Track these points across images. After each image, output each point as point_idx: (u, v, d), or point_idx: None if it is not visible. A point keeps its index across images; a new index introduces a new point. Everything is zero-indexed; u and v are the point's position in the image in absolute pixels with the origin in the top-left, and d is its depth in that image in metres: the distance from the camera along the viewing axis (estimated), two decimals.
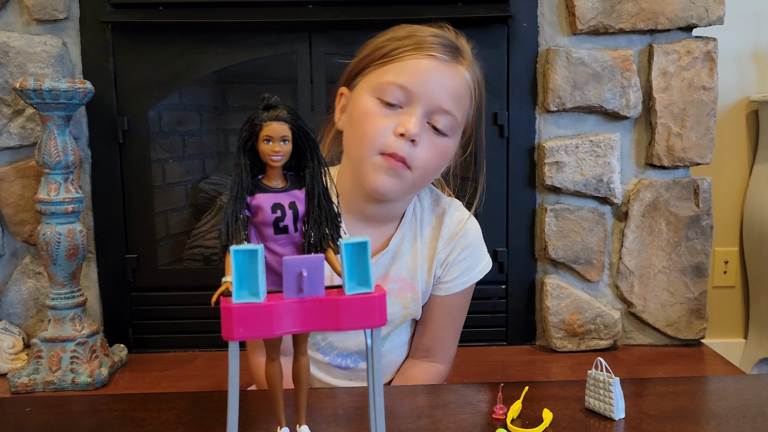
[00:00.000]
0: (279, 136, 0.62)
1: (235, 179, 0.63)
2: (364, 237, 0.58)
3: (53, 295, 1.60)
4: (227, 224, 0.62)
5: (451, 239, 1.03)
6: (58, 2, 1.64)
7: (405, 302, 1.03)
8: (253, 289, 0.56)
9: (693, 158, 1.77)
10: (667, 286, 1.79)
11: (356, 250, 0.58)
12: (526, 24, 1.74)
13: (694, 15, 1.72)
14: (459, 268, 1.03)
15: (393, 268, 1.02)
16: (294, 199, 0.64)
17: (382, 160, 0.92)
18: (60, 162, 1.55)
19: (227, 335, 0.56)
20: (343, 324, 0.57)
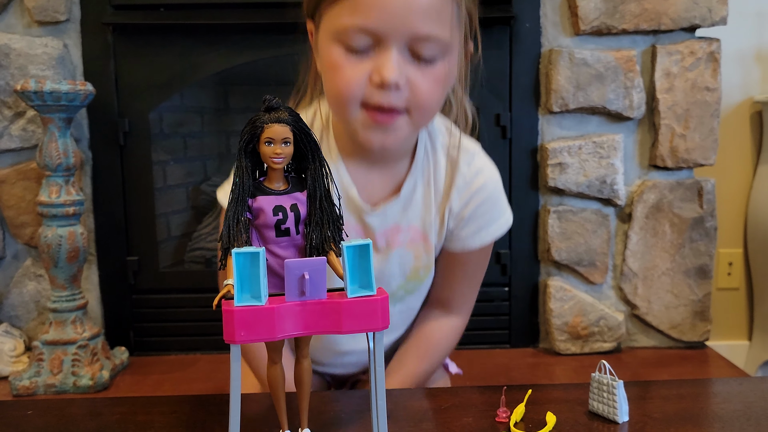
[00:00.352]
0: (280, 138, 0.61)
1: (237, 181, 0.62)
2: (366, 240, 0.58)
3: (54, 297, 1.59)
4: (228, 227, 0.61)
5: (467, 190, 0.92)
6: (59, 4, 1.63)
7: (417, 253, 0.93)
8: (255, 292, 0.56)
9: (697, 159, 1.76)
10: (671, 288, 1.78)
11: (358, 253, 0.57)
12: (529, 24, 1.74)
13: (697, 16, 1.71)
14: (476, 224, 0.93)
15: (404, 217, 0.91)
16: (296, 201, 0.63)
17: (367, 116, 0.81)
18: (61, 164, 1.54)
19: (229, 338, 0.55)
20: (345, 327, 0.57)
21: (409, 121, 0.82)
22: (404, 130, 0.82)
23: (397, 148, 0.87)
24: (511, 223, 0.96)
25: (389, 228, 0.91)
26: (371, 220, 0.90)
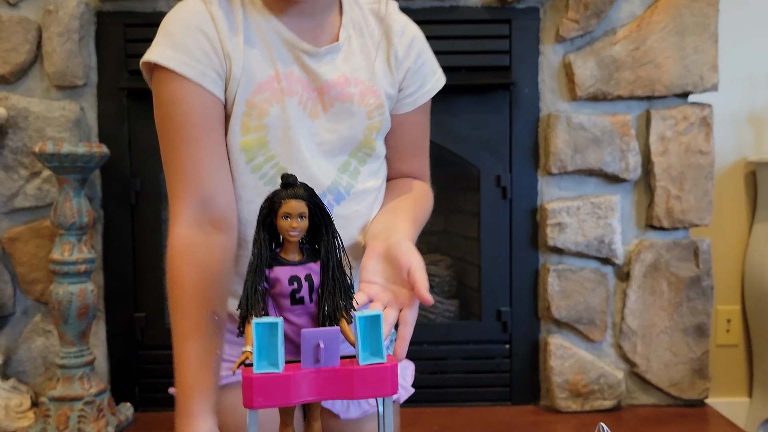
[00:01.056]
0: (296, 213, 0.66)
1: (255, 252, 0.67)
2: (377, 311, 0.61)
3: (63, 353, 1.62)
4: (247, 296, 0.65)
5: (405, 36, 0.94)
6: (77, 69, 1.71)
7: (369, 110, 0.92)
8: (273, 360, 0.59)
9: (692, 220, 1.82)
10: (669, 346, 1.81)
11: (369, 323, 0.61)
12: (528, 90, 1.82)
13: (689, 82, 1.79)
14: (422, 75, 0.96)
15: (348, 68, 0.91)
16: (310, 272, 0.68)
17: None
18: (74, 223, 1.59)
19: (247, 404, 0.59)
20: (357, 393, 0.60)
21: None
22: None
23: None
24: (444, 80, 0.99)
25: (337, 78, 0.90)
26: (318, 68, 0.89)
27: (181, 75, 0.81)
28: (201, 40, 0.83)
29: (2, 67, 1.70)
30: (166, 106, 0.84)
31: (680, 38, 1.78)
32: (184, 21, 0.84)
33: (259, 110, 0.86)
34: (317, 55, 0.88)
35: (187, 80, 0.82)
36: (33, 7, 1.73)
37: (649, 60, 1.78)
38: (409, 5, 1.76)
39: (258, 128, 0.86)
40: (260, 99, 0.85)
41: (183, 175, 0.84)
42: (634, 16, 1.81)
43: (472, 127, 1.82)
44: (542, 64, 1.83)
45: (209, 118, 0.85)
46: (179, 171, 0.84)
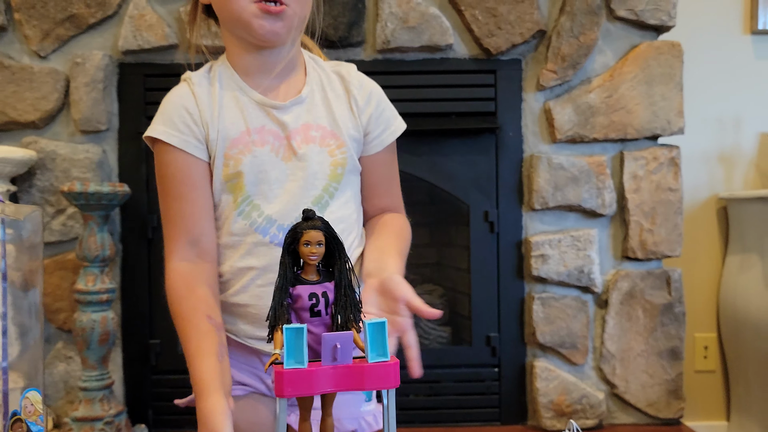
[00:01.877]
0: (315, 241, 0.81)
1: (281, 274, 0.82)
2: (382, 318, 0.76)
3: (85, 377, 1.75)
4: (275, 309, 0.80)
5: (364, 89, 1.11)
6: (101, 116, 1.85)
7: (330, 149, 1.08)
8: (299, 358, 0.74)
9: (664, 251, 1.93)
10: (646, 369, 1.92)
11: (377, 329, 0.75)
12: (512, 133, 1.93)
13: (658, 126, 1.92)
14: (384, 119, 1.12)
15: (311, 117, 1.08)
16: (325, 290, 0.82)
17: (257, 7, 1.00)
18: (98, 256, 1.73)
19: (279, 393, 0.73)
20: (366, 385, 0.74)
21: (292, 12, 1.03)
22: (290, 18, 1.03)
23: (286, 37, 1.05)
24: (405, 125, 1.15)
25: (300, 127, 1.07)
26: (284, 117, 1.07)
27: (169, 144, 1.03)
28: (184, 116, 1.04)
29: (33, 114, 1.84)
30: (161, 169, 1.06)
31: (649, 87, 1.91)
32: (172, 102, 1.07)
33: (234, 160, 1.05)
34: (283, 107, 1.07)
35: (174, 148, 1.03)
36: (62, 59, 1.86)
37: (621, 106, 1.91)
38: (404, 57, 1.91)
39: (235, 175, 1.05)
40: (234, 152, 1.05)
41: (174, 224, 1.05)
42: (607, 67, 1.93)
43: (462, 167, 1.93)
44: (525, 110, 1.93)
45: (193, 177, 1.05)
46: (171, 220, 1.06)
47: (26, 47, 1.86)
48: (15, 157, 1.71)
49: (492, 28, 1.87)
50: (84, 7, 1.83)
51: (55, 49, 1.86)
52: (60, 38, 1.85)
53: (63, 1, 1.83)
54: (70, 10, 1.83)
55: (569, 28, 1.88)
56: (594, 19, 1.88)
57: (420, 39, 1.87)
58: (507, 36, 1.88)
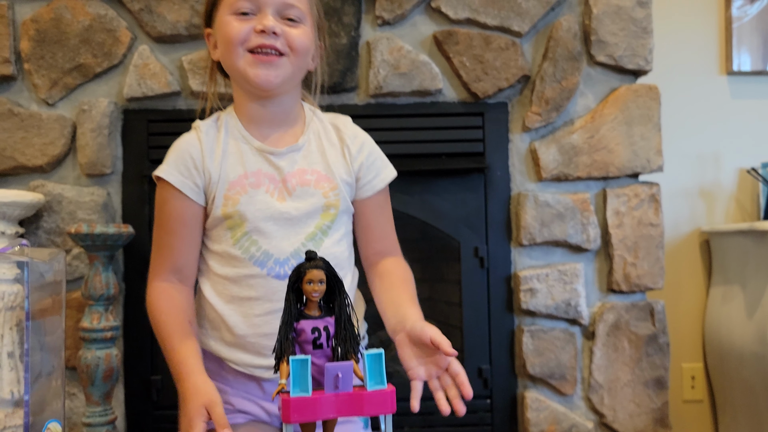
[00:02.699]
0: (317, 279, 0.88)
1: (285, 310, 0.89)
2: (379, 350, 0.83)
3: (89, 413, 1.79)
4: (281, 342, 0.87)
5: (357, 140, 1.23)
6: (106, 160, 1.91)
7: (324, 191, 1.19)
8: (304, 387, 0.81)
9: (647, 284, 1.99)
10: (632, 398, 1.96)
11: (375, 359, 0.83)
12: (500, 173, 1.99)
13: (638, 165, 2.00)
14: (375, 167, 1.24)
15: (306, 163, 1.19)
16: (327, 324, 0.90)
17: (253, 57, 1.11)
18: (103, 295, 1.79)
19: (286, 419, 0.80)
20: (366, 411, 0.82)
21: (288, 62, 1.13)
22: (286, 68, 1.13)
23: (280, 84, 1.14)
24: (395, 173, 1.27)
25: (296, 171, 1.18)
26: (280, 163, 1.18)
27: (170, 184, 1.16)
28: (188, 161, 1.18)
29: (41, 159, 1.91)
30: (160, 204, 1.20)
31: (628, 128, 1.99)
32: (180, 147, 1.20)
33: (232, 200, 1.17)
34: (279, 154, 1.19)
35: (173, 188, 1.16)
36: (69, 106, 1.93)
37: (603, 146, 1.98)
38: (396, 101, 2.00)
39: (233, 213, 1.16)
40: (232, 192, 1.17)
41: (162, 253, 1.20)
42: (589, 110, 2.01)
43: (452, 205, 1.99)
44: (512, 150, 2.00)
45: (185, 216, 1.18)
46: (160, 249, 1.20)
47: (35, 95, 1.94)
48: (23, 201, 1.78)
49: (479, 73, 1.97)
50: (91, 57, 1.92)
51: (62, 96, 1.94)
52: (67, 86, 1.93)
53: (70, 51, 1.92)
54: (78, 60, 1.92)
55: (552, 74, 1.98)
56: (575, 65, 1.98)
57: (411, 84, 1.96)
58: (493, 81, 1.97)
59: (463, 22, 1.98)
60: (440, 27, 2.00)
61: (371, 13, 1.98)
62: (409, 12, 1.98)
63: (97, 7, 1.93)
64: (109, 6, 1.94)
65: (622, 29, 1.99)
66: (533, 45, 2.02)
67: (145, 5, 1.92)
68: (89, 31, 1.92)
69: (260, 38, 1.11)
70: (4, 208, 1.74)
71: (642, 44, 2.00)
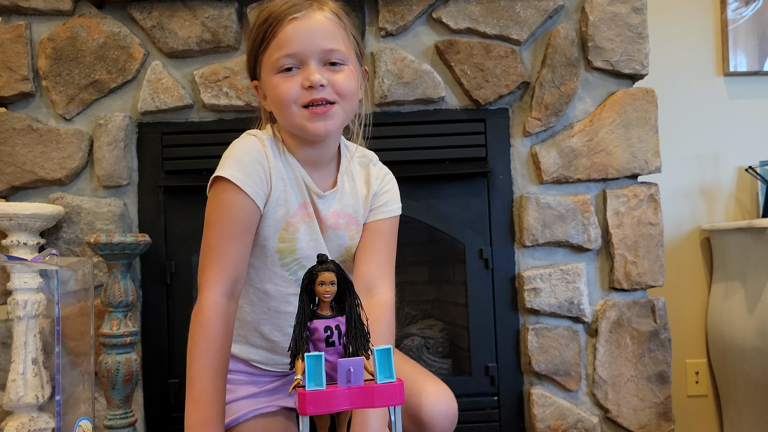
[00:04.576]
0: (329, 281, 0.95)
1: (300, 310, 0.96)
2: (389, 345, 0.90)
3: (110, 416, 1.86)
4: (296, 341, 0.94)
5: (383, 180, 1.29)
6: (122, 171, 1.98)
7: (351, 234, 1.26)
8: (318, 381, 0.87)
9: (647, 282, 2.03)
10: (636, 393, 2.00)
11: (384, 354, 0.89)
12: (502, 176, 2.04)
13: (636, 166, 2.04)
14: (384, 198, 1.29)
15: (340, 205, 1.25)
16: (338, 323, 0.96)
17: (307, 112, 1.14)
18: (122, 302, 1.86)
19: (302, 412, 0.86)
20: (376, 403, 0.88)
21: (340, 108, 1.16)
22: (339, 115, 1.17)
23: (336, 131, 1.19)
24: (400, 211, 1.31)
25: (331, 213, 1.24)
26: (320, 205, 1.24)
27: (242, 190, 1.15)
28: (259, 170, 1.18)
29: (59, 172, 1.98)
30: (224, 209, 1.16)
31: (626, 130, 2.03)
32: (250, 153, 1.19)
33: (293, 228, 1.22)
34: (323, 197, 1.25)
35: (245, 194, 1.16)
36: (85, 121, 2.00)
37: (602, 149, 2.03)
38: (400, 109, 2.06)
39: (291, 240, 1.22)
40: (295, 220, 1.22)
41: (222, 259, 1.14)
42: (587, 113, 2.05)
43: (457, 209, 2.04)
44: (513, 155, 2.04)
45: (250, 223, 1.18)
46: (220, 256, 1.14)
47: (53, 111, 2.01)
48: (44, 213, 1.85)
49: (480, 81, 2.03)
50: (106, 74, 1.99)
51: (79, 112, 2.01)
52: (84, 102, 2.00)
53: (86, 68, 1.99)
54: (93, 77, 1.99)
55: (551, 80, 2.03)
56: (573, 71, 2.04)
57: (414, 93, 2.02)
58: (494, 88, 2.02)
59: (464, 32, 2.04)
60: (442, 37, 2.05)
61: (375, 24, 2.05)
62: (412, 23, 2.04)
63: (111, 25, 2.00)
64: (123, 24, 2.01)
65: (618, 35, 2.05)
66: (532, 52, 2.08)
67: (157, 22, 2.00)
68: (104, 48, 1.99)
69: (310, 94, 1.13)
70: (26, 220, 1.81)
71: (638, 49, 2.05)
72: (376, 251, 1.27)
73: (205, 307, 1.12)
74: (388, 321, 1.20)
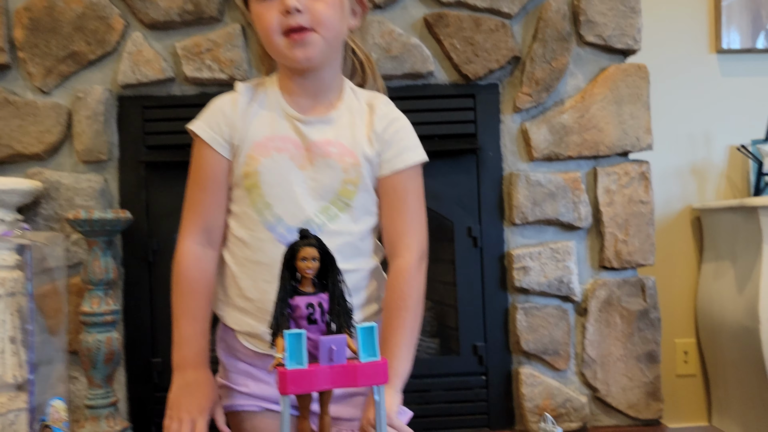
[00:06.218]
0: (311, 256, 0.91)
1: (280, 286, 0.92)
2: (372, 323, 0.86)
3: (91, 395, 1.82)
4: (276, 318, 0.90)
5: (386, 118, 1.20)
6: (102, 146, 1.93)
7: (345, 166, 1.16)
8: (299, 360, 0.83)
9: (638, 260, 2.01)
10: (625, 372, 2.00)
11: (367, 332, 0.86)
12: (492, 153, 2.01)
13: (627, 143, 2.02)
14: (398, 147, 1.19)
15: (333, 134, 1.18)
16: (321, 300, 0.93)
17: (286, 39, 1.12)
18: (102, 279, 1.81)
19: (282, 391, 0.83)
20: (359, 382, 0.84)
21: (318, 37, 1.12)
22: (318, 43, 1.13)
23: (319, 60, 1.15)
24: (426, 158, 1.20)
25: (321, 140, 1.17)
26: (307, 131, 1.18)
27: (204, 140, 1.18)
28: (218, 116, 1.19)
29: (37, 147, 1.92)
30: (193, 160, 1.21)
31: (618, 107, 2.00)
32: (215, 104, 1.21)
33: (254, 160, 1.17)
34: (307, 122, 1.19)
35: (205, 144, 1.17)
36: (64, 94, 1.94)
37: (593, 125, 2.00)
38: (388, 84, 2.01)
39: (253, 173, 1.17)
40: (256, 153, 1.17)
41: (194, 210, 1.20)
42: (579, 89, 2.03)
43: (446, 186, 2.00)
44: (503, 131, 2.02)
45: (216, 171, 1.18)
46: (192, 206, 1.20)
47: (30, 84, 1.95)
48: (21, 188, 1.80)
49: (470, 55, 1.98)
50: (84, 45, 1.93)
51: (57, 84, 1.95)
52: (62, 74, 1.94)
53: (64, 39, 1.93)
54: (71, 48, 1.93)
55: (542, 54, 1.99)
56: (564, 45, 2.00)
57: (402, 67, 1.98)
58: (484, 62, 1.98)
59: (453, 5, 2.00)
60: (431, 10, 2.01)
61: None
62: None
63: None
64: None
65: (610, 9, 2.01)
66: (523, 26, 2.03)
67: None
68: (82, 18, 1.93)
69: (287, 20, 1.11)
70: (2, 195, 1.76)
71: (630, 24, 2.01)
72: (394, 212, 1.21)
73: (178, 255, 1.19)
74: (401, 288, 1.18)
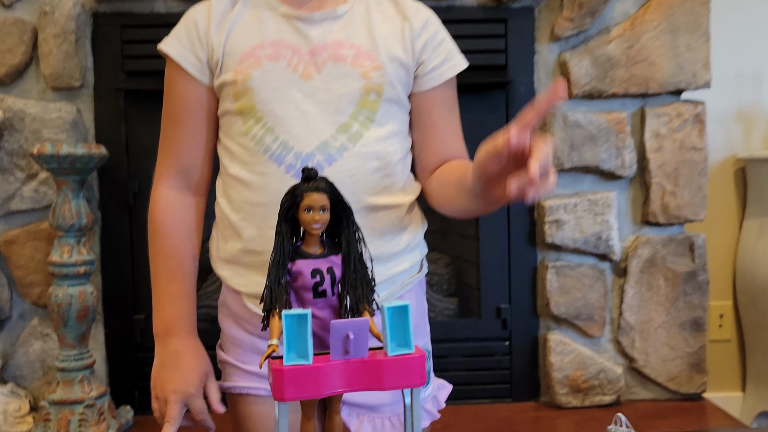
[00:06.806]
0: (318, 206, 0.66)
1: (277, 246, 0.67)
2: (405, 301, 0.62)
3: (63, 356, 1.62)
4: (270, 289, 0.65)
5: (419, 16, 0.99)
6: (74, 71, 1.72)
7: (364, 71, 0.95)
8: (302, 352, 0.59)
9: (687, 215, 1.86)
10: (667, 341, 1.86)
11: (397, 313, 0.61)
12: (524, 89, 1.85)
13: (682, 80, 1.84)
14: (444, 51, 1.01)
15: (345, 35, 0.97)
16: (331, 264, 0.68)
17: None
18: (73, 225, 1.59)
19: (278, 396, 0.59)
20: (386, 384, 0.61)
21: None
22: None
23: None
24: (466, 63, 1.03)
25: (330, 42, 0.95)
26: (311, 32, 0.95)
27: (168, 55, 0.97)
28: (191, 29, 0.97)
29: None
30: (166, 86, 1.01)
31: (673, 37, 1.83)
32: (187, 15, 0.99)
33: (243, 75, 0.93)
34: (310, 20, 0.95)
35: (176, 64, 0.96)
36: (28, 8, 1.74)
37: (643, 58, 1.82)
38: None
39: (244, 92, 0.94)
40: (243, 66, 0.94)
41: (167, 148, 1.01)
42: (628, 15, 1.85)
43: (469, 125, 1.77)
44: (538, 63, 1.86)
45: (189, 99, 0.98)
46: (166, 143, 1.01)
47: None
48: None
49: None
50: None
51: None
52: None
53: None
54: None
55: None
56: None
57: None
58: None
59: None
60: None
61: None
62: None
63: None
64: None
65: None
66: None
67: None
68: None
69: None
70: None
71: None
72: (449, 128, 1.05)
73: (152, 202, 1.02)
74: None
